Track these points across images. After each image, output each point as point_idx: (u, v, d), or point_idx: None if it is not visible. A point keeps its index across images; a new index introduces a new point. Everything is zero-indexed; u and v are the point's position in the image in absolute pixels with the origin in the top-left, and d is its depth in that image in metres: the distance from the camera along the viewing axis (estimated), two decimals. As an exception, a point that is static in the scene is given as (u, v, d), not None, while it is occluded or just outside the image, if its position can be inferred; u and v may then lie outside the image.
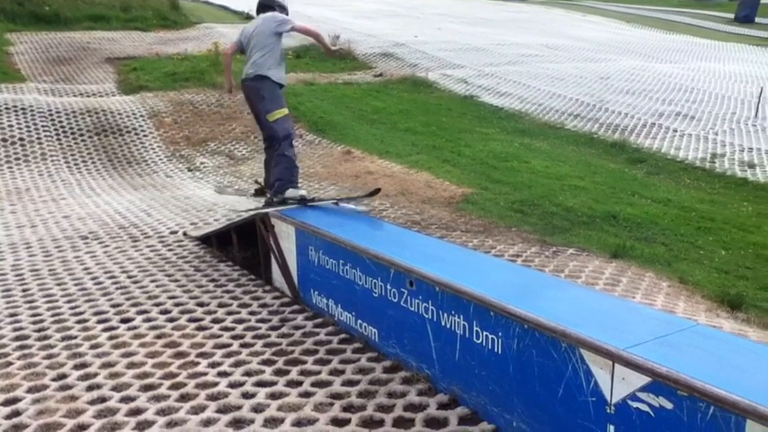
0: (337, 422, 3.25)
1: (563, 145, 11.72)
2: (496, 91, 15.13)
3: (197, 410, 3.39)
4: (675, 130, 12.84)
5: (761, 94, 14.59)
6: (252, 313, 4.58)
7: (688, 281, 5.94)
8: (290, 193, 5.33)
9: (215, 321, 4.46)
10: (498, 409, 3.16)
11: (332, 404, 3.41)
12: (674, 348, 2.64)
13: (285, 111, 5.50)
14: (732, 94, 15.92)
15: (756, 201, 9.48)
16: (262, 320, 4.47)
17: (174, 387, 3.63)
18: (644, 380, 2.46)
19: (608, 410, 2.61)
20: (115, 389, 3.60)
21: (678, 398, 2.36)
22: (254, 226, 5.13)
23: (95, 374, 3.75)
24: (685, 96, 15.45)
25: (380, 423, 3.23)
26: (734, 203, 9.23)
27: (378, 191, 6.16)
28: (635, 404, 2.51)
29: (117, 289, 5.06)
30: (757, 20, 32.40)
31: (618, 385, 2.56)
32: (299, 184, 5.66)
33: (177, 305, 4.73)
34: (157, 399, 3.51)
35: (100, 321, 4.47)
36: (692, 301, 5.45)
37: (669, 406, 2.39)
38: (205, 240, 6.00)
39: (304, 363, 3.87)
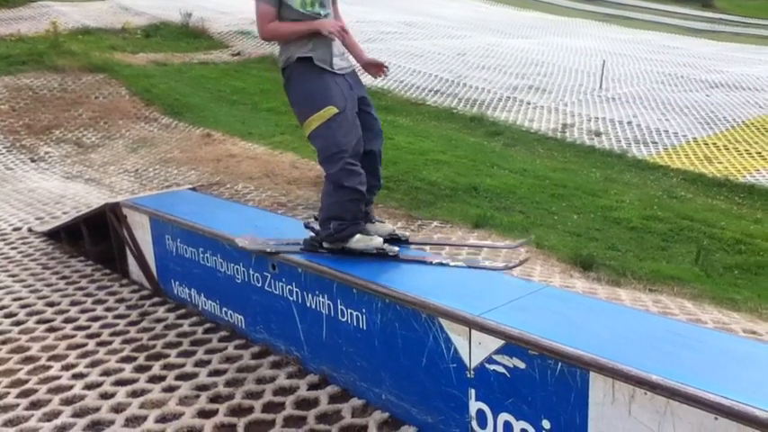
0: (204, 414, 3.15)
1: (425, 120, 12.00)
2: (358, 69, 15.17)
3: (50, 417, 3.16)
4: (529, 103, 13.51)
5: (603, 66, 15.64)
6: (108, 309, 4.32)
7: (544, 245, 6.29)
8: (357, 242, 3.43)
9: (67, 321, 4.17)
10: (367, 384, 3.19)
11: (198, 396, 3.29)
12: (525, 311, 2.76)
13: (326, 111, 3.28)
14: (579, 67, 16.97)
15: (603, 167, 10.21)
16: (119, 316, 4.23)
17: (24, 394, 3.36)
18: (498, 343, 2.56)
19: (468, 375, 2.70)
20: (-47, 404, 3.28)
21: (530, 357, 2.47)
22: (106, 217, 4.83)
23: (-72, 391, 3.40)
24: (537, 70, 16.27)
25: (249, 410, 3.17)
26: (584, 170, 9.87)
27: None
28: (492, 366, 2.61)
29: (-48, 295, 4.60)
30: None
31: (475, 350, 2.65)
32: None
33: (24, 307, 4.37)
34: (4, 409, 3.24)
35: (-68, 332, 4.05)
36: (547, 264, 5.78)
37: (522, 366, 2.51)
38: (53, 236, 5.58)
39: (167, 356, 3.71)
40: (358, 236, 3.44)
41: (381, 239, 3.49)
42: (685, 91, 15.17)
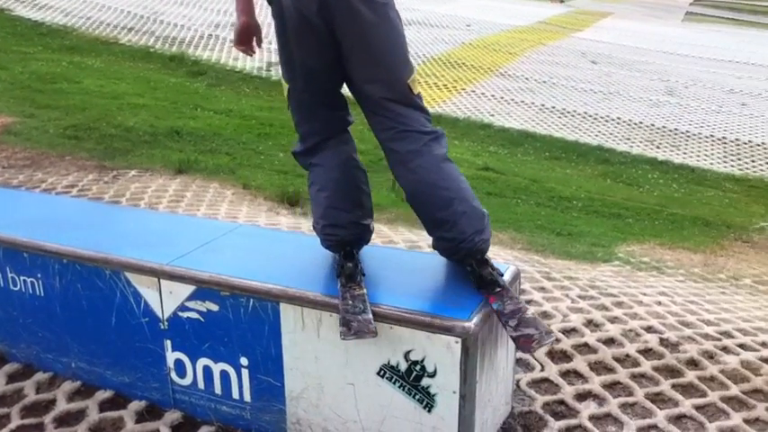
0: None
1: (118, 61, 11.06)
2: (34, 4, 13.38)
3: None
4: (232, 41, 13.20)
5: None
6: None
7: (251, 186, 6.25)
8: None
9: None
10: (53, 355, 2.88)
11: None
12: (217, 252, 2.69)
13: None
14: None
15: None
16: None
17: None
18: (189, 289, 2.47)
19: (162, 327, 2.58)
20: None
21: (222, 298, 2.43)
22: None
23: None
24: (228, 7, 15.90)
25: None
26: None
27: None
28: (185, 314, 2.51)
29: None
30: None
31: (167, 300, 2.53)
32: None
33: None
34: None
35: None
36: (254, 204, 5.77)
37: (215, 308, 2.45)
38: None
39: None
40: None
41: None
42: (380, 29, 16.07)
